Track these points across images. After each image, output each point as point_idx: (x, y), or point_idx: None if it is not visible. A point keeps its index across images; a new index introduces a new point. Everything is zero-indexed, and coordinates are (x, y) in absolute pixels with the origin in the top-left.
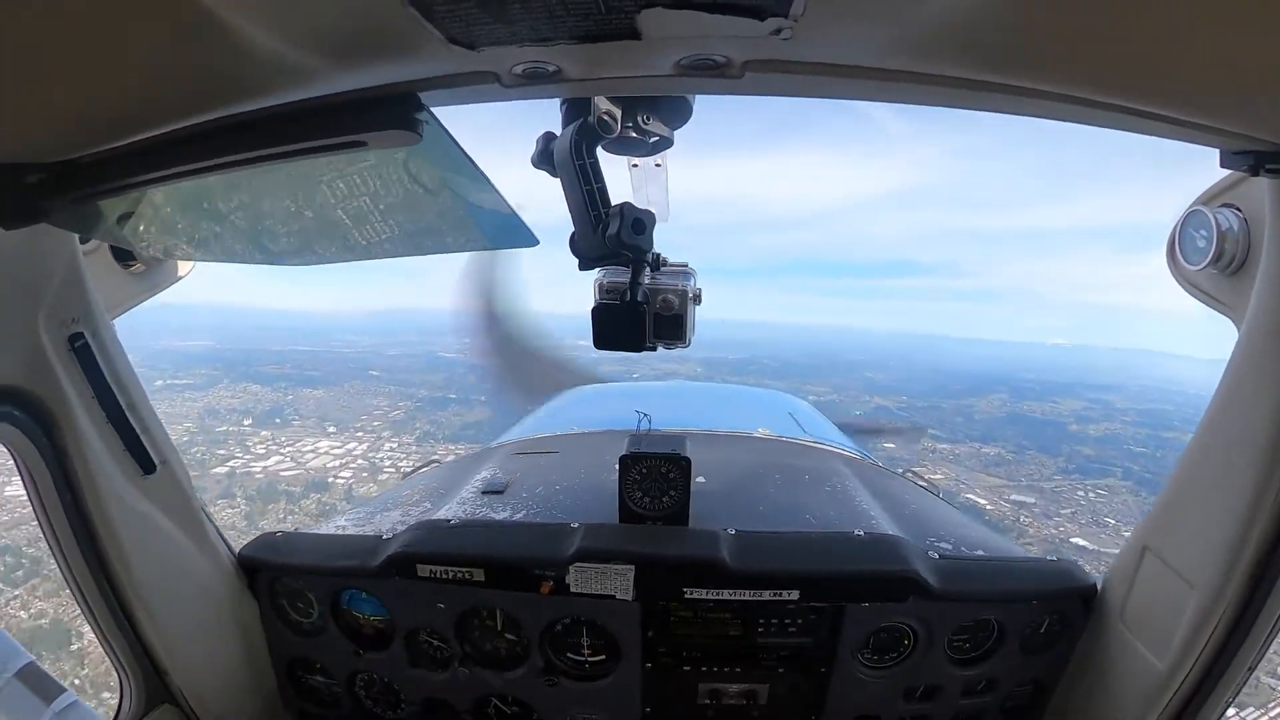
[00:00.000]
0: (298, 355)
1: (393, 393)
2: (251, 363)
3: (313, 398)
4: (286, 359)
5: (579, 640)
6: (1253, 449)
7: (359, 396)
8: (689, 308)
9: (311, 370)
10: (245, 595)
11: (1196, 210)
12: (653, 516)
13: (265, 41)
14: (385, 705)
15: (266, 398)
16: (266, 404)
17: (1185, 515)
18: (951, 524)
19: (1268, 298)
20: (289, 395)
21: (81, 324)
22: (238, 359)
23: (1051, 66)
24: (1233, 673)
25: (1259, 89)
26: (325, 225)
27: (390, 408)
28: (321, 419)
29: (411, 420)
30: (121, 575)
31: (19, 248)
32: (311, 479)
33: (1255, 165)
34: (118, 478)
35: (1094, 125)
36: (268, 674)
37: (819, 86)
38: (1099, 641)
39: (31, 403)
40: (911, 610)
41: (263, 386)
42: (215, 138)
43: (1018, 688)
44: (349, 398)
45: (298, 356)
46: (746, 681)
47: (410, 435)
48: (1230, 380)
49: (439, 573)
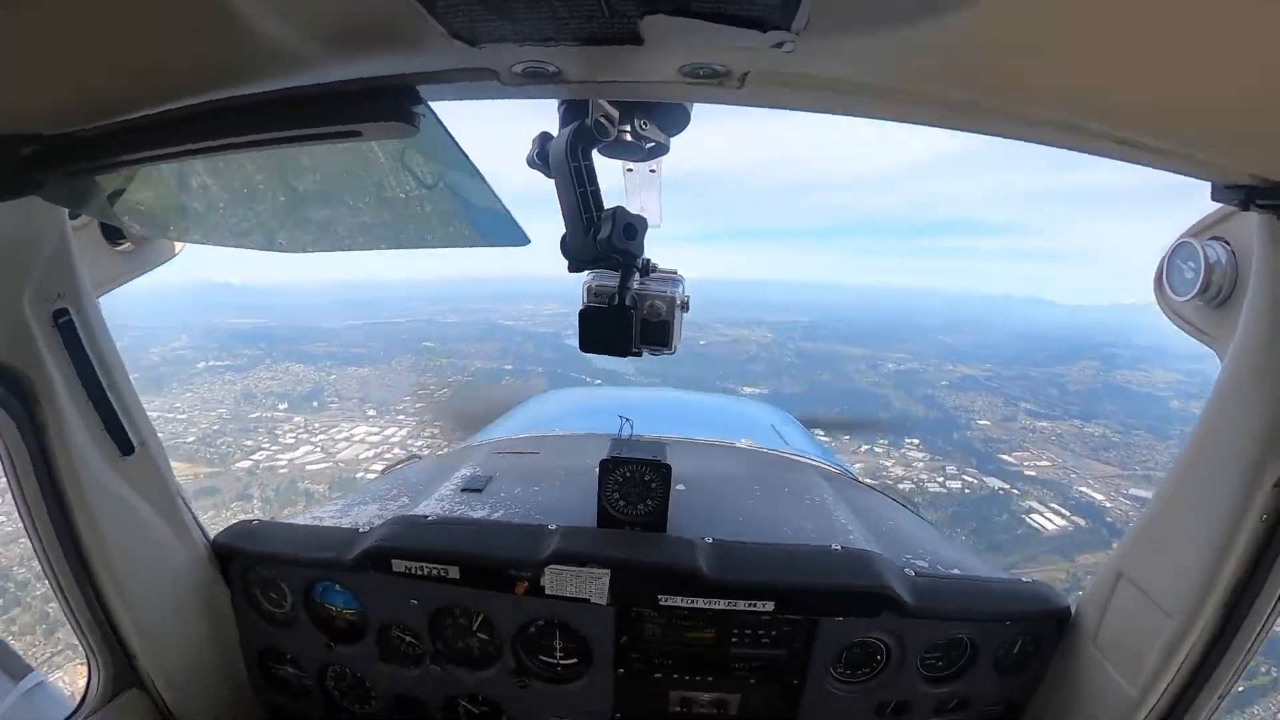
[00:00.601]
0: (350, 332)
1: (444, 366)
2: (301, 340)
3: (357, 376)
4: (337, 336)
5: (552, 643)
6: (1231, 480)
7: (406, 374)
8: (676, 314)
9: (359, 348)
10: (218, 583)
11: (1185, 242)
12: (631, 522)
13: (267, 25)
14: (355, 699)
15: (308, 378)
16: (307, 385)
17: (1162, 543)
18: (928, 541)
19: (1251, 331)
20: (332, 375)
21: (67, 300)
22: (287, 337)
23: (1049, 93)
24: (1203, 700)
25: (1252, 124)
26: (314, 213)
27: (438, 385)
28: (363, 400)
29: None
30: (95, 556)
31: (8, 220)
32: (339, 474)
33: (1246, 200)
34: (96, 458)
35: (1089, 153)
36: (238, 663)
37: (819, 101)
38: (1072, 664)
39: (12, 377)
40: (885, 626)
41: (306, 366)
42: (213, 119)
43: (990, 707)
44: (395, 375)
45: (350, 333)
46: (718, 691)
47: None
48: (1212, 411)
49: (414, 569)
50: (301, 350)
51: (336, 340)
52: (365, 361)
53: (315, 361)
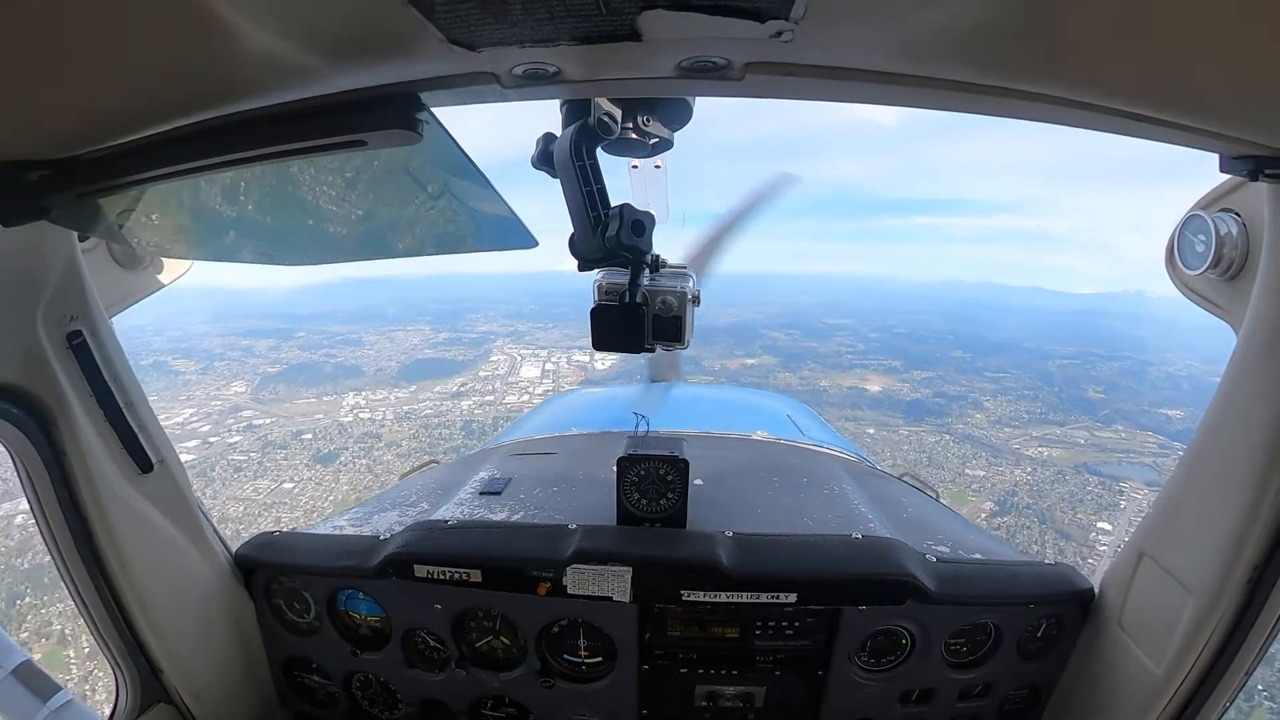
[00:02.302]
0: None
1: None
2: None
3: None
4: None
5: (576, 642)
6: (1250, 454)
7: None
8: (688, 309)
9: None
10: (242, 594)
11: (1195, 215)
12: (650, 518)
13: (267, 41)
14: (382, 706)
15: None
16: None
17: (1182, 520)
18: (949, 527)
19: (1265, 303)
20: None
21: (80, 322)
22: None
23: (1051, 71)
24: (1230, 677)
25: (1258, 94)
26: (323, 225)
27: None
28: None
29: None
30: (118, 573)
31: (18, 245)
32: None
33: (1255, 170)
34: (115, 476)
35: (1094, 129)
36: (264, 673)
37: (820, 89)
38: (1096, 646)
39: (29, 401)
40: (909, 613)
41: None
42: (216, 136)
43: (1014, 691)
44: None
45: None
46: (743, 684)
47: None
48: (1228, 385)
49: (436, 573)
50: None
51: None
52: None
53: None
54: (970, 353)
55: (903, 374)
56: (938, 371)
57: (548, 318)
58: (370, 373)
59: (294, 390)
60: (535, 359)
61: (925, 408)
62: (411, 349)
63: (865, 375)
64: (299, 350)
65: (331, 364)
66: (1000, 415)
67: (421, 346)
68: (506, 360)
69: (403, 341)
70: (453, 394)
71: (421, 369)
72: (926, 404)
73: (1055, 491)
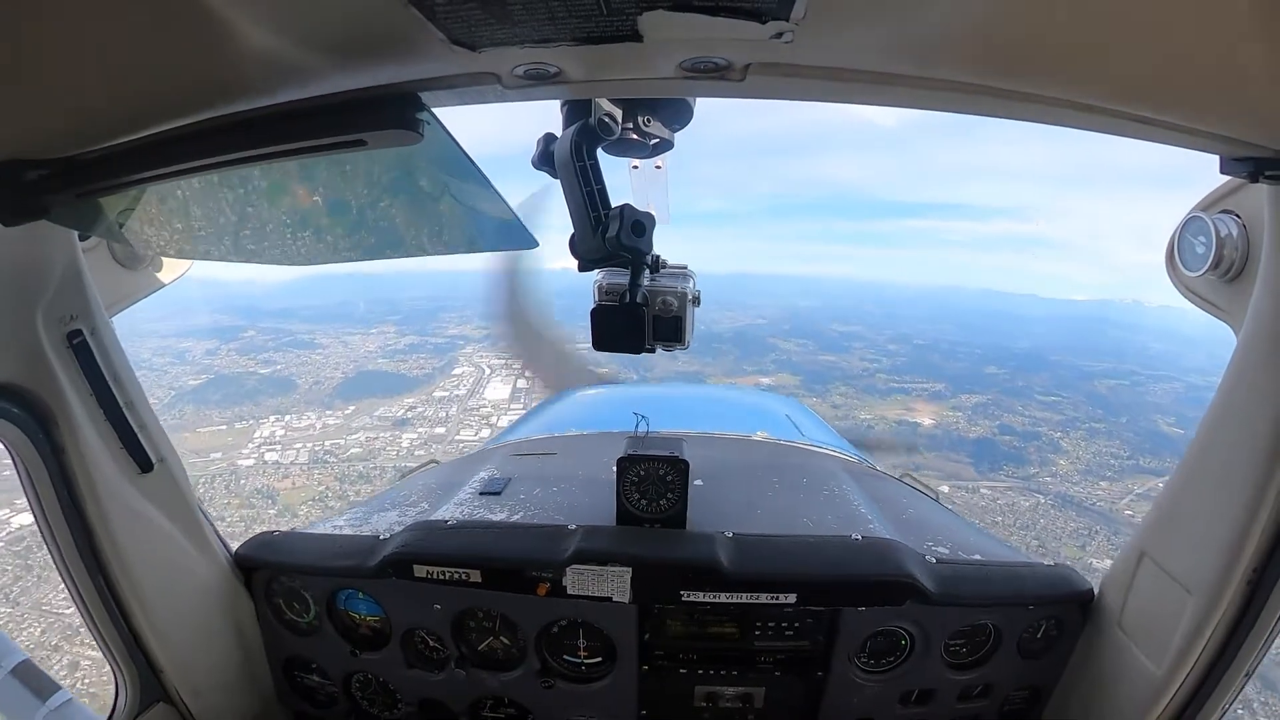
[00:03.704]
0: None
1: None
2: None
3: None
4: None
5: (575, 642)
6: (1250, 455)
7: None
8: (688, 310)
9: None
10: (241, 594)
11: (1196, 216)
12: (650, 519)
13: (267, 40)
14: (382, 706)
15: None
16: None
17: (1183, 521)
18: (949, 528)
19: (1266, 304)
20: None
21: (80, 321)
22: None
23: (1051, 72)
24: (1230, 678)
25: (1257, 95)
26: (323, 225)
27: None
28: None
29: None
30: (118, 573)
31: (18, 244)
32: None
33: (1254, 171)
34: (115, 476)
35: (1093, 130)
36: (264, 673)
37: (821, 90)
38: (1096, 647)
39: (29, 400)
40: (908, 614)
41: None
42: (217, 135)
43: (1014, 692)
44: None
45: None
46: (743, 685)
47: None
48: (1228, 387)
49: (435, 573)
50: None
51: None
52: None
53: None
54: (1004, 368)
55: (950, 399)
56: (988, 395)
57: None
58: (305, 387)
59: (203, 414)
60: (507, 373)
61: (997, 451)
62: (363, 357)
63: (909, 404)
64: (235, 355)
65: (259, 376)
66: (1085, 461)
67: (376, 355)
68: (472, 374)
69: (358, 347)
70: (395, 421)
71: (366, 384)
72: (997, 446)
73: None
